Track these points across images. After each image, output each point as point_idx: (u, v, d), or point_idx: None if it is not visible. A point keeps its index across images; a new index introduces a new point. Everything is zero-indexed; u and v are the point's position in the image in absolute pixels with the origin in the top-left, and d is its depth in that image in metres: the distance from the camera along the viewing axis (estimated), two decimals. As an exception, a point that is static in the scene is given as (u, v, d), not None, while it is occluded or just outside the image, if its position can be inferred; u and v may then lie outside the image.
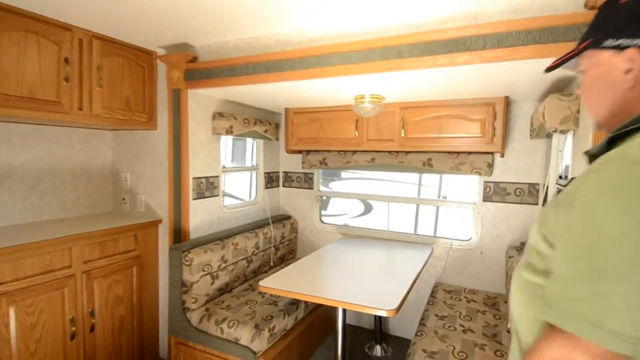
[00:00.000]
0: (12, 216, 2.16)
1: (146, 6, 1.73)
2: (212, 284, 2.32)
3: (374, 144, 2.59)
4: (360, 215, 7.74)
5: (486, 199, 2.58)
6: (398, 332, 2.90)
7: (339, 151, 2.89)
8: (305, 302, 2.41)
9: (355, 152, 2.84)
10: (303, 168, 3.09)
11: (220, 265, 2.36)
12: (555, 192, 2.14)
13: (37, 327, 1.86)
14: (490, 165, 2.44)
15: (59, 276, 1.95)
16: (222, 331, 2.06)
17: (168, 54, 2.30)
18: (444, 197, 6.80)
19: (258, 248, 2.75)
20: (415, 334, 2.01)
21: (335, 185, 8.44)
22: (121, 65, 2.25)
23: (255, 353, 1.98)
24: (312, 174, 3.22)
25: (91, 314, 2.12)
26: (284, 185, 3.38)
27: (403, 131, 2.45)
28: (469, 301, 2.42)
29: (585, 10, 1.37)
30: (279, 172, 3.36)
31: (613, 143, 0.66)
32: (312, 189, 3.23)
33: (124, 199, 2.64)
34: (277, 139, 3.16)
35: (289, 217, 3.28)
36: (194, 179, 2.38)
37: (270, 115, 3.14)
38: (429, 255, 2.50)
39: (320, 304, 2.33)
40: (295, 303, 2.35)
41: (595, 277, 0.54)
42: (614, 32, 0.68)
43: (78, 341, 2.05)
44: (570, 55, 0.78)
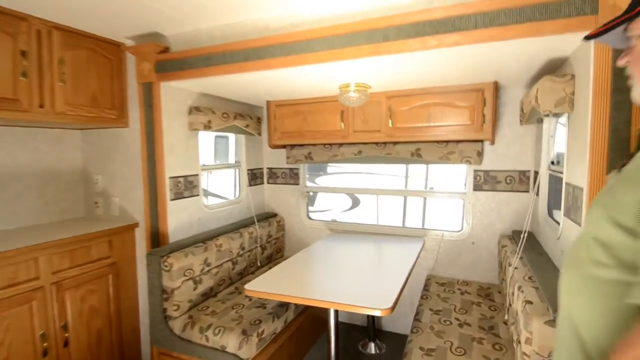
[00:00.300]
0: (-30, 226, 1.98)
1: (108, -10, 1.58)
2: (195, 289, 2.18)
3: (361, 135, 2.49)
4: (348, 209, 7.67)
5: (476, 188, 2.52)
6: (392, 328, 2.83)
7: (325, 144, 2.78)
8: (296, 303, 2.30)
9: (341, 145, 2.74)
10: (288, 163, 2.97)
11: (203, 268, 2.22)
12: (547, 178, 2.09)
13: (4, 346, 1.71)
14: (480, 154, 2.37)
15: (25, 289, 1.79)
16: (207, 339, 1.94)
17: (137, 45, 2.13)
18: (431, 189, 6.79)
19: (243, 248, 2.62)
20: (411, 331, 1.93)
21: (322, 181, 8.33)
22: (86, 59, 2.07)
23: (243, 360, 1.86)
24: (298, 169, 3.11)
25: (64, 327, 1.96)
26: (268, 182, 3.25)
27: (390, 121, 2.35)
28: (462, 293, 2.36)
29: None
30: (262, 169, 3.23)
31: None
32: (298, 184, 3.11)
33: (96, 202, 2.46)
34: (260, 134, 3.03)
35: (275, 215, 3.16)
36: (170, 178, 2.23)
37: (251, 109, 3.00)
38: (420, 249, 2.43)
39: (311, 304, 2.23)
40: (285, 305, 2.24)
41: None
42: None
43: (51, 357, 1.91)
44: (624, 18, 0.70)
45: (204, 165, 2.62)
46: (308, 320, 2.51)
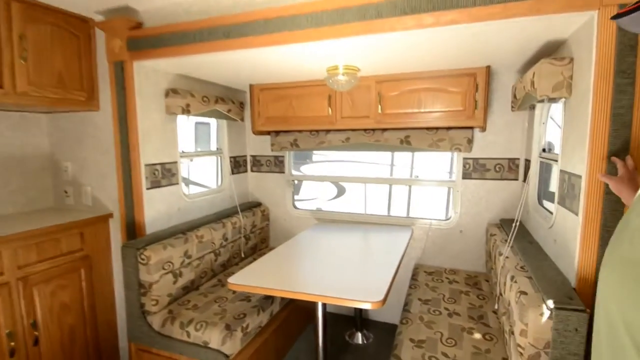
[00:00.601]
0: None
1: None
2: (175, 282, 2.07)
3: (349, 121, 2.40)
4: (333, 198, 7.62)
5: (465, 176, 2.48)
6: (379, 317, 2.81)
7: (311, 131, 2.68)
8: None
9: (328, 132, 2.64)
10: (272, 150, 2.85)
11: (183, 261, 2.11)
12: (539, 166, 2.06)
13: (-37, 348, 1.57)
14: (470, 141, 2.32)
15: (-13, 286, 1.65)
16: (189, 335, 1.84)
17: (107, 20, 1.96)
18: (416, 177, 6.81)
19: (226, 239, 2.51)
20: (400, 322, 1.89)
21: (307, 169, 8.23)
22: (50, 35, 1.89)
23: (227, 356, 1.78)
24: (283, 156, 2.99)
25: (33, 325, 1.83)
26: (252, 170, 3.13)
27: (380, 107, 2.26)
28: (450, 282, 2.34)
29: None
30: (246, 156, 3.10)
31: None
32: (284, 172, 3.01)
33: (66, 191, 2.30)
34: (243, 120, 2.89)
35: (259, 204, 3.05)
36: (146, 165, 2.09)
37: (233, 93, 2.86)
38: (409, 238, 2.39)
39: (297, 296, 2.16)
40: (270, 297, 2.16)
41: None
42: None
43: (20, 357, 1.78)
44: None
45: (183, 152, 2.47)
46: (294, 311, 2.45)
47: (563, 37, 1.51)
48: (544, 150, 2.02)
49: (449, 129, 2.35)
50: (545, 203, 2.07)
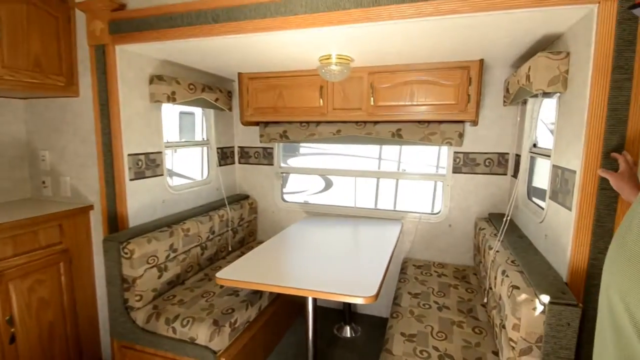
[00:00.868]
0: None
1: None
2: (160, 277, 2.01)
3: (340, 113, 2.35)
4: (320, 191, 7.58)
5: (456, 170, 2.48)
6: (367, 310, 2.81)
7: (302, 122, 2.62)
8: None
9: (319, 124, 2.59)
10: (261, 142, 2.79)
11: (168, 255, 2.05)
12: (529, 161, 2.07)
13: None
14: (462, 135, 2.32)
15: (-43, 282, 1.55)
16: (175, 331, 1.79)
17: (87, 1, 1.84)
18: (404, 170, 6.84)
19: (213, 233, 2.45)
20: (391, 316, 1.88)
21: (294, 162, 8.16)
22: (26, 15, 1.77)
23: (215, 352, 1.74)
24: (272, 148, 2.93)
25: (9, 322, 1.74)
26: (240, 162, 3.06)
27: (372, 99, 2.23)
28: (439, 275, 2.35)
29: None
30: (233, 147, 3.03)
31: None
32: (272, 165, 2.95)
33: (43, 182, 2.18)
34: (231, 109, 2.81)
35: (247, 197, 2.99)
36: (129, 155, 2.00)
37: (221, 82, 2.77)
38: (399, 232, 2.38)
39: (286, 290, 2.12)
40: (259, 291, 2.12)
41: None
42: None
43: (-6, 356, 1.69)
44: None
45: (168, 142, 2.38)
46: (282, 306, 2.42)
47: (559, 31, 1.50)
48: (534, 145, 2.03)
49: (440, 122, 2.34)
50: (535, 198, 2.08)
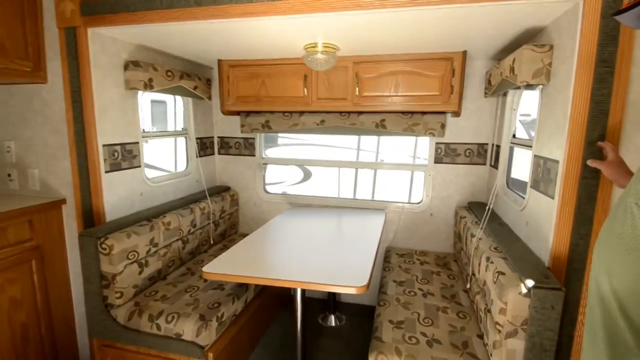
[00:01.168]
0: None
1: None
2: (141, 273, 1.94)
3: (325, 103, 2.33)
4: (299, 182, 7.55)
5: (437, 160, 2.53)
6: (351, 299, 2.84)
7: (285, 112, 2.57)
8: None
9: (302, 113, 2.55)
10: (242, 132, 2.72)
11: (149, 250, 1.97)
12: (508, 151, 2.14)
13: None
14: (444, 126, 2.36)
15: None
16: (159, 327, 1.73)
17: (54, -22, 1.70)
18: (382, 161, 6.94)
19: (195, 226, 2.38)
20: (378, 304, 1.91)
21: (271, 153, 8.06)
22: (-17, -8, 1.61)
23: (202, 347, 1.70)
24: (253, 138, 2.87)
25: (-24, 325, 1.62)
26: (219, 153, 2.97)
27: (357, 89, 2.21)
28: (422, 263, 2.41)
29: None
30: (213, 138, 2.94)
31: None
32: (254, 155, 2.89)
33: (9, 175, 2.03)
34: (210, 98, 2.71)
35: (227, 189, 2.92)
36: (104, 146, 1.90)
37: (199, 69, 2.66)
38: (384, 221, 2.41)
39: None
40: (244, 284, 2.09)
41: None
42: None
43: (-40, 361, 1.57)
44: None
45: (145, 132, 2.28)
46: (268, 298, 2.40)
47: (543, 25, 1.53)
48: (514, 136, 2.09)
49: (423, 113, 2.36)
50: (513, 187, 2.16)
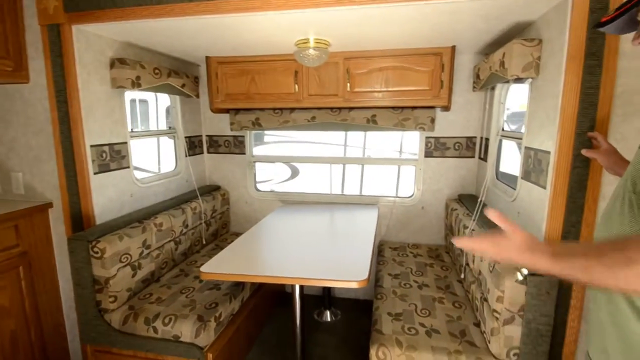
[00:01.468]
0: None
1: None
2: (134, 275, 1.90)
3: (316, 99, 2.32)
4: (287, 180, 7.52)
5: (427, 154, 2.56)
6: (345, 294, 2.86)
7: (275, 109, 2.56)
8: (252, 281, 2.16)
9: (293, 110, 2.54)
10: (232, 130, 2.68)
11: (142, 252, 1.93)
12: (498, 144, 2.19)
13: None
14: (433, 120, 2.39)
15: None
16: (156, 330, 1.70)
17: (34, -27, 1.64)
18: (369, 156, 6.99)
19: (187, 226, 2.35)
20: (375, 297, 1.93)
21: (258, 151, 7.99)
22: (-43, -14, 1.53)
23: (201, 348, 1.68)
24: (243, 136, 2.84)
25: (-39, 336, 1.55)
26: (208, 152, 2.93)
27: (349, 85, 2.22)
28: (415, 256, 2.44)
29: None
30: (201, 136, 2.89)
31: None
32: (244, 154, 2.86)
33: (-11, 179, 1.95)
34: (198, 96, 2.67)
35: (218, 188, 2.89)
36: (92, 147, 1.84)
37: (186, 67, 2.61)
38: (377, 215, 2.43)
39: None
40: (240, 283, 2.08)
41: None
42: None
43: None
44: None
45: (133, 131, 2.22)
46: (263, 296, 2.39)
47: (531, 19, 1.57)
48: (503, 129, 2.14)
49: (413, 108, 2.39)
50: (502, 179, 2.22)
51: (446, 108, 2.25)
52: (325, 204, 2.76)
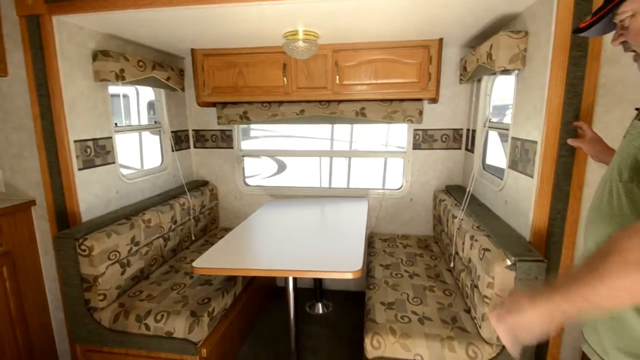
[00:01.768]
0: None
1: None
2: (123, 273, 1.86)
3: (305, 92, 2.31)
4: (273, 175, 7.47)
5: (415, 146, 2.59)
6: (336, 286, 2.88)
7: (263, 102, 2.53)
8: (244, 275, 2.15)
9: (281, 104, 2.52)
10: (219, 124, 2.64)
11: (130, 249, 1.90)
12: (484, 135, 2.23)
13: None
14: (421, 113, 2.41)
15: None
16: (148, 327, 1.68)
17: (9, -40, 1.56)
18: (356, 150, 7.02)
19: (175, 222, 2.31)
20: (367, 288, 1.96)
21: (245, 146, 7.92)
22: None
23: (195, 344, 1.67)
24: (231, 130, 2.81)
25: (-58, 340, 1.50)
26: (195, 146, 2.89)
27: (338, 77, 2.22)
28: (405, 246, 2.48)
29: None
30: (187, 131, 2.84)
31: None
32: (232, 148, 2.83)
33: (-34, 177, 1.87)
34: (183, 89, 2.62)
35: (206, 183, 2.85)
36: (76, 142, 1.79)
37: (170, 59, 2.55)
38: (367, 208, 2.45)
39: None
40: (232, 278, 2.07)
41: None
42: None
43: None
44: (615, 3, 0.70)
45: (118, 126, 2.16)
46: (255, 290, 2.39)
47: (517, 11, 1.60)
48: (490, 120, 2.19)
49: (402, 100, 2.41)
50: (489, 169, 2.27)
51: (434, 100, 2.27)
52: (315, 198, 2.76)
